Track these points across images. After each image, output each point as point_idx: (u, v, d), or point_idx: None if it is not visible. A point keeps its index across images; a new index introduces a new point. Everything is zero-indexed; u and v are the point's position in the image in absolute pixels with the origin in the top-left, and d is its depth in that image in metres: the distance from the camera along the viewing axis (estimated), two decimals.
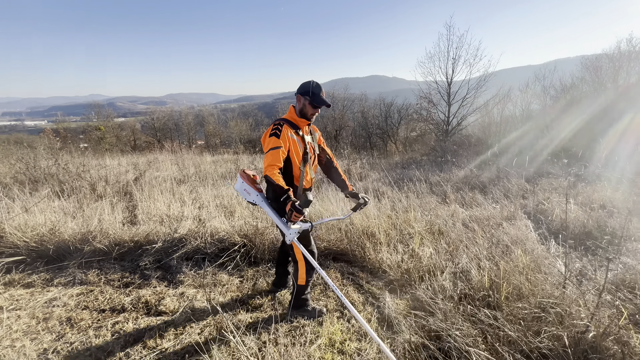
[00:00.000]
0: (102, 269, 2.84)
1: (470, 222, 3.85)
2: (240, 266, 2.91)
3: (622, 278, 2.41)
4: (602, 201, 4.54)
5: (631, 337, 1.52)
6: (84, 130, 31.25)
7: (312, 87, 1.92)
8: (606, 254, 2.97)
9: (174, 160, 11.26)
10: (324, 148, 2.26)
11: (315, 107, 1.95)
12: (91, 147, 21.62)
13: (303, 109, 1.96)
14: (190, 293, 2.43)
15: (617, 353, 1.42)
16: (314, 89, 1.92)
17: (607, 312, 1.64)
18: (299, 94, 1.95)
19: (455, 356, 1.60)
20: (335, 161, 2.32)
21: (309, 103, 1.93)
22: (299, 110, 1.99)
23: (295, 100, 2.02)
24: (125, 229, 3.41)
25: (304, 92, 1.93)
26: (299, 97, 1.96)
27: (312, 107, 1.95)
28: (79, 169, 6.71)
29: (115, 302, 2.29)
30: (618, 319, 1.54)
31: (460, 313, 2.00)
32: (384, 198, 5.19)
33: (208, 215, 3.87)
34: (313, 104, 1.93)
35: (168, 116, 37.45)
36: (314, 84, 1.93)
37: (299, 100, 1.96)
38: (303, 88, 1.94)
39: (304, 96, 1.93)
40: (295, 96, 2.00)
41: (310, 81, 1.95)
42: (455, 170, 8.14)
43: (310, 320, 2.08)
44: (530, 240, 3.43)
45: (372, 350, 1.78)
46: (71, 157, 8.60)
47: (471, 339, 1.66)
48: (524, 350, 1.62)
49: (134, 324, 2.00)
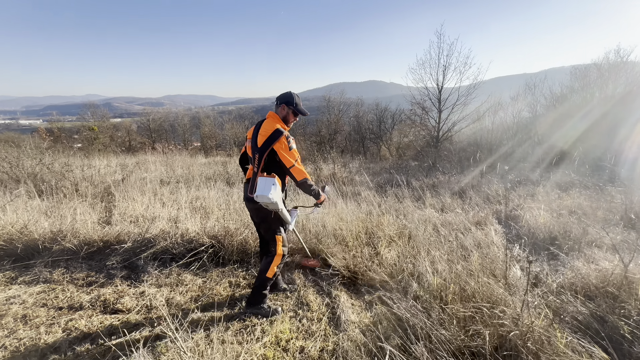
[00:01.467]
0: (68, 267, 2.87)
1: (442, 227, 3.92)
2: (206, 266, 2.95)
3: (572, 282, 2.49)
4: (573, 208, 4.65)
5: (555, 336, 1.59)
6: (79, 130, 31.14)
7: (295, 98, 2.13)
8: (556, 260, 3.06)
9: (163, 162, 11.28)
10: None
11: (296, 115, 2.17)
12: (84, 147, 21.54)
13: (286, 116, 2.15)
14: (150, 292, 2.47)
15: (535, 352, 1.49)
16: (297, 100, 2.14)
17: (532, 313, 1.71)
18: (284, 103, 2.12)
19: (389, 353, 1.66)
20: None
21: (292, 112, 2.14)
22: (282, 117, 2.14)
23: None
24: (97, 229, 3.44)
25: (288, 102, 2.12)
26: (284, 106, 2.13)
27: (293, 115, 2.16)
28: (63, 169, 6.72)
29: (74, 301, 2.32)
30: (539, 320, 1.61)
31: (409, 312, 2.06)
32: (364, 202, 5.26)
33: (184, 216, 3.91)
34: (295, 112, 2.15)
35: (164, 117, 37.43)
36: (296, 95, 2.15)
37: (283, 109, 2.13)
38: (287, 98, 2.13)
39: (288, 106, 2.12)
40: (276, 104, 2.15)
41: (291, 92, 2.16)
42: (440, 175, 8.26)
43: (264, 318, 2.13)
44: (495, 244, 3.52)
45: (315, 348, 1.83)
46: (57, 156, 8.60)
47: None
48: (459, 348, 1.69)
49: (87, 322, 2.04)
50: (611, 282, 2.21)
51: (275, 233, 2.19)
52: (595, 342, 1.67)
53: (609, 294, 2.11)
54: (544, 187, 5.90)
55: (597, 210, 4.50)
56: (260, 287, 2.20)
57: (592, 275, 2.44)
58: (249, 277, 2.80)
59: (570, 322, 1.87)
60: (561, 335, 1.62)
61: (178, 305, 2.31)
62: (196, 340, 1.84)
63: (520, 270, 2.77)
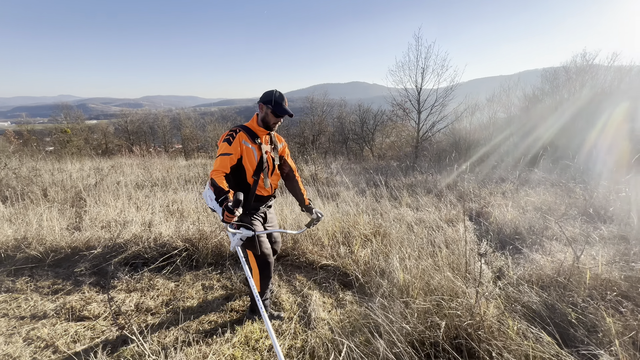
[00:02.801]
0: (33, 276, 2.77)
1: (415, 225, 4.05)
2: (180, 270, 2.92)
3: (531, 273, 2.64)
4: (539, 204, 4.90)
5: (507, 325, 1.70)
6: (51, 132, 29.79)
7: (274, 97, 1.91)
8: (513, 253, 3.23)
9: (141, 165, 10.99)
10: (287, 160, 2.24)
11: (278, 116, 1.94)
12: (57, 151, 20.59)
13: (265, 117, 1.96)
14: (120, 298, 2.43)
15: (487, 339, 1.59)
16: (277, 99, 1.91)
17: (485, 304, 1.82)
18: (262, 102, 1.94)
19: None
20: (297, 175, 2.31)
21: (271, 112, 1.92)
22: (261, 118, 1.97)
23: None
24: (65, 235, 3.34)
25: (266, 101, 1.92)
26: (262, 105, 1.94)
27: (274, 116, 1.93)
28: (31, 174, 6.44)
29: (37, 309, 2.25)
30: (489, 310, 1.72)
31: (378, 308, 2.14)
32: (343, 202, 5.34)
33: (159, 219, 3.85)
34: (275, 113, 1.92)
35: (142, 119, 36.39)
36: (277, 93, 1.92)
37: (261, 109, 1.95)
38: (266, 97, 1.93)
39: (266, 105, 1.92)
40: (257, 104, 1.98)
41: (273, 90, 1.94)
42: (418, 175, 8.48)
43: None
44: (464, 240, 3.68)
45: (284, 346, 1.87)
46: (25, 160, 8.23)
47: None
48: (420, 339, 1.77)
49: (50, 330, 1.98)
50: (562, 272, 2.37)
51: (245, 246, 1.97)
52: (544, 328, 1.80)
53: (559, 283, 2.26)
54: (514, 185, 6.18)
55: (560, 205, 4.76)
56: (253, 299, 2.13)
57: (548, 266, 2.60)
58: (223, 279, 2.80)
59: (523, 311, 1.99)
60: (513, 324, 1.74)
61: (148, 309, 2.28)
62: (164, 344, 1.84)
63: (485, 264, 2.93)
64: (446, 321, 1.68)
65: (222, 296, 2.52)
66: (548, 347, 1.64)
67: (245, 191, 1.99)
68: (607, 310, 1.86)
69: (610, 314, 1.84)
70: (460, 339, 1.64)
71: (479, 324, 1.65)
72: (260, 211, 2.10)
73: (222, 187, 1.72)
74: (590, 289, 2.20)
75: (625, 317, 1.82)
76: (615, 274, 2.32)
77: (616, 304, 1.96)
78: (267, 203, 2.15)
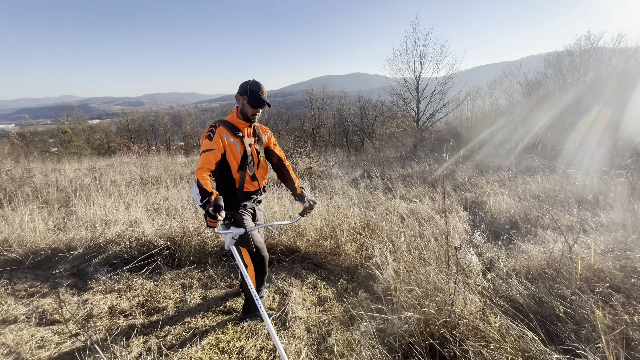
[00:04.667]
0: (12, 279, 2.72)
1: (407, 217, 3.94)
2: (161, 269, 2.86)
3: (523, 265, 2.53)
4: (537, 192, 4.75)
5: (487, 321, 1.60)
6: (53, 133, 29.91)
7: (249, 86, 1.84)
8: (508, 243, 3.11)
9: (138, 163, 10.96)
10: (274, 150, 2.17)
11: (255, 107, 1.86)
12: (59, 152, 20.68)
13: (243, 109, 1.89)
14: (95, 299, 2.37)
15: (464, 335, 1.49)
16: (252, 87, 1.84)
17: (466, 299, 1.71)
18: (238, 94, 1.87)
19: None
20: (287, 163, 2.24)
21: (247, 103, 1.85)
22: (240, 111, 1.91)
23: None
24: (48, 236, 3.29)
25: (242, 92, 1.85)
26: (238, 97, 1.88)
27: (251, 107, 1.86)
28: (23, 175, 6.41)
29: (9, 314, 2.20)
30: (467, 306, 1.62)
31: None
32: (337, 195, 5.24)
33: (145, 218, 3.78)
34: (252, 104, 1.84)
35: (143, 117, 36.38)
36: (253, 82, 1.86)
37: (239, 101, 1.89)
38: (242, 88, 1.87)
39: (242, 96, 1.86)
40: (235, 97, 1.91)
41: (248, 80, 1.87)
42: (415, 165, 8.33)
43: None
44: (457, 231, 3.57)
45: (255, 348, 1.79)
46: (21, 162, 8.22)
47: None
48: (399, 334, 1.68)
49: (15, 336, 1.92)
50: (552, 263, 2.25)
51: (238, 244, 1.88)
52: (528, 324, 1.69)
53: (548, 275, 2.14)
54: (512, 173, 6.02)
55: (559, 192, 4.61)
56: (250, 297, 2.06)
57: (539, 257, 2.48)
58: (205, 278, 2.73)
59: (508, 305, 1.89)
60: (494, 320, 1.63)
61: (122, 312, 2.22)
62: (131, 348, 1.77)
63: (474, 256, 2.82)
64: (422, 318, 1.58)
65: (201, 295, 2.46)
66: (531, 345, 1.54)
67: (231, 187, 1.93)
68: (597, 304, 1.75)
69: (599, 307, 1.72)
70: (434, 339, 1.54)
71: (455, 322, 1.55)
72: (249, 207, 2.02)
73: (205, 189, 1.65)
74: (581, 281, 2.09)
75: (616, 310, 1.71)
76: (609, 263, 2.20)
77: (607, 296, 1.85)
78: (257, 198, 2.08)
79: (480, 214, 4.14)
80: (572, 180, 5.05)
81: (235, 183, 1.94)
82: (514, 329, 1.63)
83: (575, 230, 3.16)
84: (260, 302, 1.47)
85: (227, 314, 2.19)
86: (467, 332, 1.54)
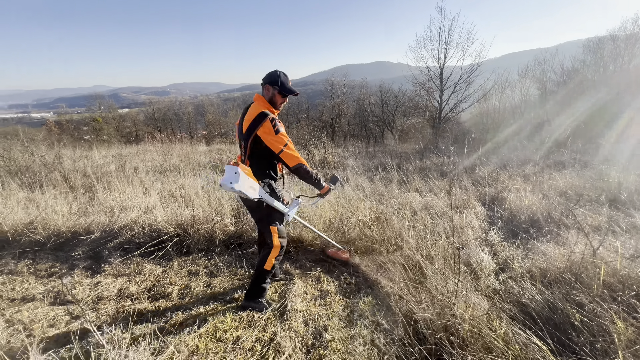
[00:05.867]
0: (35, 259, 2.90)
1: (420, 211, 3.80)
2: (170, 255, 2.93)
3: (540, 267, 2.36)
4: (565, 188, 4.44)
5: (491, 326, 1.50)
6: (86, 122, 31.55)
7: (280, 77, 1.94)
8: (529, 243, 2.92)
9: (160, 151, 11.33)
10: None
11: (285, 96, 1.99)
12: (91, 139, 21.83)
13: (272, 98, 1.98)
14: (106, 282, 2.47)
15: (464, 340, 1.40)
16: (282, 79, 1.95)
17: (467, 303, 1.61)
18: (268, 84, 1.95)
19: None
20: None
21: (278, 92, 1.96)
22: (269, 100, 1.99)
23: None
24: (70, 219, 3.46)
25: (272, 82, 1.95)
26: (268, 87, 1.96)
27: (281, 96, 1.98)
28: (54, 161, 6.79)
29: (29, 292, 2.34)
30: (469, 310, 1.51)
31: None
32: (349, 187, 5.16)
33: (159, 205, 3.90)
34: (282, 92, 1.96)
35: (168, 106, 37.51)
36: (282, 73, 1.96)
37: (268, 90, 1.97)
38: (271, 78, 1.95)
39: (272, 86, 1.95)
40: (262, 86, 1.99)
41: (277, 71, 1.97)
42: (434, 158, 8.03)
43: (259, 312, 2.05)
44: (472, 227, 3.40)
45: (250, 340, 1.79)
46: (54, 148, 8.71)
47: None
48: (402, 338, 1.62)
49: (30, 313, 2.04)
50: (571, 267, 2.08)
51: (270, 224, 2.05)
52: (537, 331, 1.57)
53: (566, 280, 1.98)
54: (538, 167, 5.66)
55: (590, 190, 4.28)
56: (258, 279, 2.09)
57: (559, 259, 2.31)
58: (211, 266, 2.78)
59: (513, 310, 1.77)
60: (498, 325, 1.53)
61: (129, 295, 2.30)
62: (132, 332, 1.83)
63: (487, 255, 2.67)
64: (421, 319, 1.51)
65: (205, 283, 2.50)
66: (538, 354, 1.43)
67: (275, 171, 2.10)
68: (618, 314, 1.60)
69: (621, 317, 1.57)
70: (429, 344, 1.47)
71: (455, 326, 1.46)
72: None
73: (316, 173, 2.06)
74: (604, 288, 1.92)
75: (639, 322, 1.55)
76: (638, 270, 2.01)
77: (632, 306, 1.68)
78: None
79: (499, 210, 3.93)
80: (605, 176, 4.66)
81: (278, 167, 2.11)
82: (520, 337, 1.52)
83: (603, 232, 2.92)
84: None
85: (228, 302, 2.21)
86: (468, 338, 1.45)
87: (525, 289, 1.99)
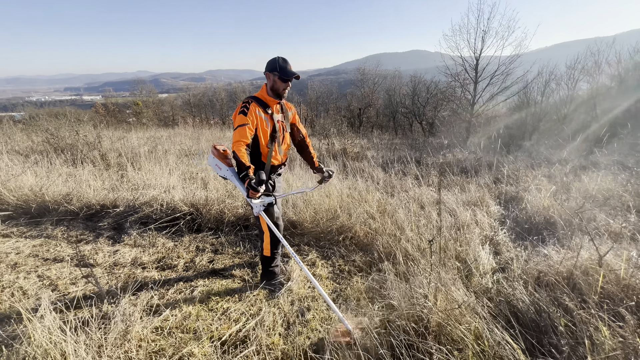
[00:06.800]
0: (68, 226, 3.27)
1: (429, 206, 3.75)
2: (182, 232, 3.18)
3: (537, 269, 2.28)
4: (593, 191, 4.12)
5: (465, 322, 1.51)
6: (129, 105, 33.77)
7: (279, 62, 1.94)
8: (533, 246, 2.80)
9: (191, 135, 11.91)
10: (298, 127, 2.29)
11: (285, 80, 1.96)
12: (133, 122, 23.37)
13: (274, 85, 1.98)
14: (123, 251, 2.75)
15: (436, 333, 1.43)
16: (281, 63, 1.94)
17: (437, 296, 1.61)
18: (268, 71, 1.97)
19: None
20: (308, 140, 2.37)
21: (278, 78, 1.94)
22: (270, 87, 2.00)
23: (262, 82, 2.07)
24: (98, 194, 3.83)
25: (272, 69, 1.95)
26: (268, 74, 1.98)
27: (282, 81, 1.96)
28: (95, 141, 7.41)
29: (59, 254, 2.67)
30: (437, 302, 1.52)
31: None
32: (362, 178, 5.18)
33: (178, 185, 4.18)
34: (283, 77, 1.94)
35: (203, 92, 38.98)
36: (281, 58, 1.95)
37: (269, 78, 1.99)
38: (270, 65, 1.96)
39: (272, 73, 1.95)
40: (264, 74, 2.02)
41: (275, 57, 1.97)
42: (458, 153, 7.72)
43: (276, 292, 2.16)
44: (481, 225, 3.30)
45: (237, 312, 1.94)
46: (96, 129, 9.49)
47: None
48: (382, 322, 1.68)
49: (57, 272, 2.35)
50: (572, 272, 1.99)
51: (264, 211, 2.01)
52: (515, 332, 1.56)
53: (559, 284, 1.91)
54: (568, 168, 5.27)
55: (621, 195, 3.94)
56: (263, 265, 2.24)
57: (562, 264, 2.21)
58: (217, 244, 2.98)
59: (495, 308, 1.75)
60: (471, 320, 1.54)
61: (141, 264, 2.55)
62: (137, 295, 2.05)
63: (487, 253, 2.61)
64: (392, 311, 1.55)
65: (209, 259, 2.70)
66: (509, 352, 1.42)
67: (259, 160, 2.07)
68: (604, 321, 1.53)
69: (606, 324, 1.51)
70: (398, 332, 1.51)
71: (426, 318, 1.49)
72: (271, 179, 2.16)
73: (243, 162, 1.80)
74: (604, 296, 1.83)
75: (625, 331, 1.48)
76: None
77: (617, 315, 1.60)
78: (279, 171, 2.21)
79: (515, 210, 3.76)
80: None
81: (262, 157, 2.06)
82: (495, 334, 1.51)
83: (624, 239, 2.73)
84: (298, 257, 1.73)
85: (225, 278, 2.38)
86: (436, 330, 1.47)
87: (516, 289, 1.95)
